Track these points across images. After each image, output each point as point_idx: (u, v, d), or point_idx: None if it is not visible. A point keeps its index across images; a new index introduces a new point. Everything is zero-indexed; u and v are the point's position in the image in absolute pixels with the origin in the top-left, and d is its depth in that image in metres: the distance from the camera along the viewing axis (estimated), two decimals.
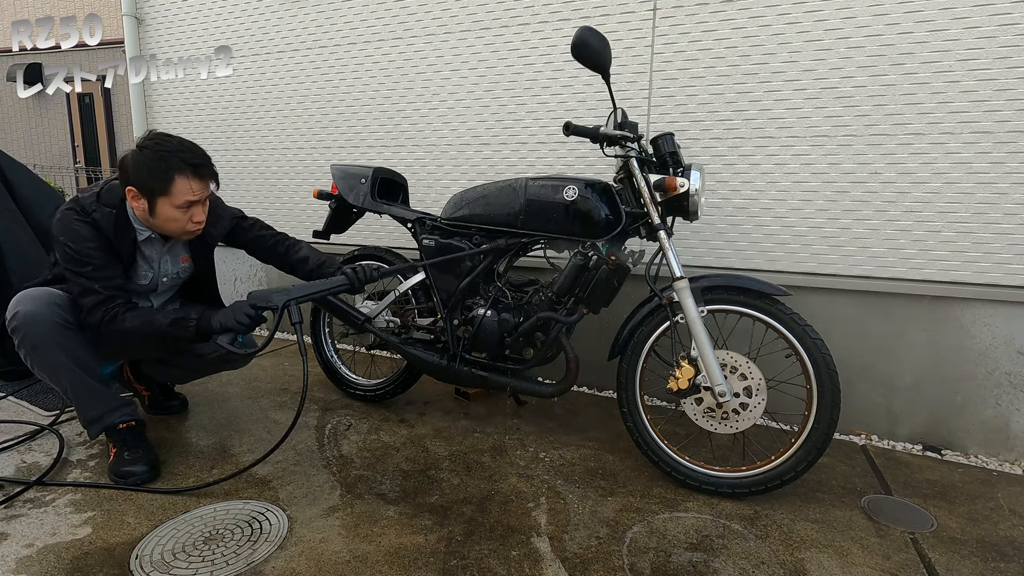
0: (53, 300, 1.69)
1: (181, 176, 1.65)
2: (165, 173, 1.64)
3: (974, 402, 2.06)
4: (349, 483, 1.76)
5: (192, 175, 1.67)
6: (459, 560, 1.41)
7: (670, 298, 1.74)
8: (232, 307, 1.71)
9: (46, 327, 1.66)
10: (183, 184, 1.66)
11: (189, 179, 1.67)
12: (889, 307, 2.13)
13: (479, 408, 2.36)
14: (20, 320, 1.66)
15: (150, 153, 1.65)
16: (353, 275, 1.84)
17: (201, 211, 1.74)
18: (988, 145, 1.95)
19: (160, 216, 1.69)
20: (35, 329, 1.66)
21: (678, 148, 1.77)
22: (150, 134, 1.72)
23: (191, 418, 2.20)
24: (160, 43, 3.52)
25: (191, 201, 1.69)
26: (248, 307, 1.70)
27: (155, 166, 1.64)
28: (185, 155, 1.67)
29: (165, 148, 1.66)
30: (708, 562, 1.43)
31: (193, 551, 1.42)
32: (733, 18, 2.20)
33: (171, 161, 1.64)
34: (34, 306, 1.67)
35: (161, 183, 1.64)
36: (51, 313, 1.67)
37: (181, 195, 1.67)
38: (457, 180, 2.79)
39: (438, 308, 2.11)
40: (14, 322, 1.67)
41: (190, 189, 1.67)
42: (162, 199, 1.66)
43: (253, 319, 1.70)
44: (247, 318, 1.68)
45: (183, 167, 1.66)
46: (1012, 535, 1.59)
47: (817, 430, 1.63)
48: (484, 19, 2.64)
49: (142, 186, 1.65)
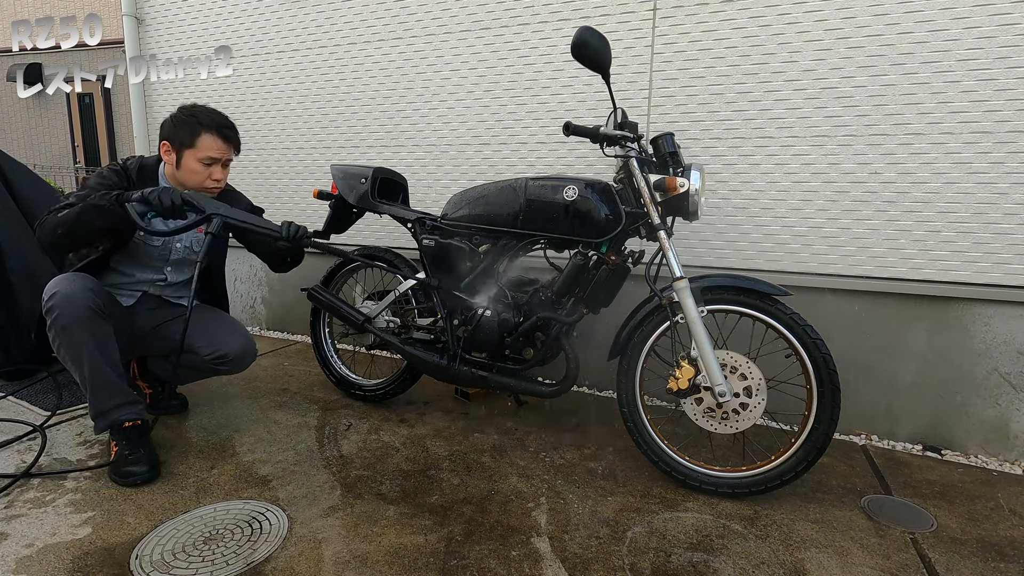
0: (88, 286, 1.76)
1: (207, 133, 1.88)
2: (194, 128, 1.87)
3: (974, 402, 2.06)
4: (349, 483, 1.76)
5: (217, 134, 1.89)
6: (459, 560, 1.41)
7: (670, 298, 1.74)
8: (164, 187, 1.74)
9: (80, 310, 1.72)
10: (208, 140, 1.88)
11: (214, 137, 1.89)
12: (889, 307, 2.13)
13: (479, 408, 2.36)
14: (57, 300, 1.72)
15: (185, 113, 1.91)
16: (287, 225, 1.89)
17: (221, 171, 1.94)
18: (988, 145, 1.95)
19: (184, 168, 1.89)
20: (69, 310, 1.72)
21: (678, 148, 1.77)
22: (188, 103, 1.97)
23: (191, 418, 2.20)
24: (160, 43, 3.52)
25: (213, 158, 1.89)
26: (178, 196, 1.73)
27: (187, 122, 1.88)
28: (215, 117, 1.92)
29: (198, 110, 1.92)
30: (708, 562, 1.43)
31: (193, 551, 1.42)
32: (733, 18, 2.20)
33: (201, 119, 1.89)
34: (71, 288, 1.74)
35: (189, 136, 1.87)
36: (86, 298, 1.73)
37: (205, 150, 1.87)
38: (457, 180, 2.79)
39: (438, 308, 2.11)
40: (50, 302, 1.73)
41: (213, 146, 1.89)
42: (188, 152, 1.87)
43: (175, 207, 1.71)
44: (170, 202, 1.71)
45: (210, 126, 1.89)
46: (1012, 535, 1.59)
47: (817, 430, 1.63)
48: (484, 19, 2.65)
49: (173, 139, 1.88)
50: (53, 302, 1.73)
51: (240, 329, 2.04)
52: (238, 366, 2.01)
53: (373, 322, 2.22)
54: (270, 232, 1.89)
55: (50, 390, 2.44)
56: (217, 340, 1.96)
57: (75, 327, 1.73)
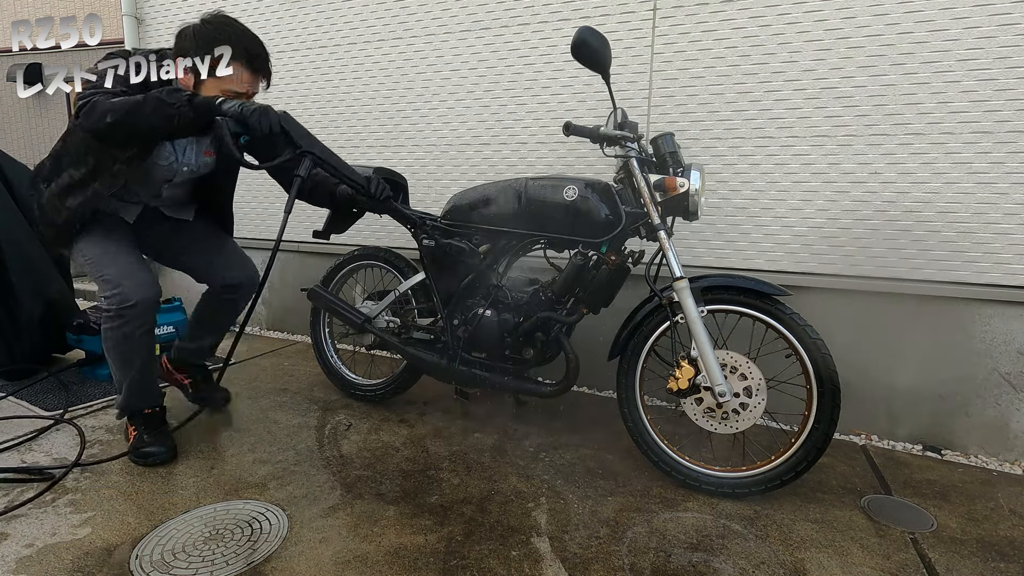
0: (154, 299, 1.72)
1: (235, 62, 1.60)
2: None
3: (974, 402, 2.06)
4: (349, 483, 1.76)
5: (246, 65, 1.64)
6: (459, 560, 1.41)
7: (670, 298, 1.74)
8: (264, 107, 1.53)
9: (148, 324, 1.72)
10: (236, 70, 1.61)
11: (243, 68, 1.63)
12: (889, 307, 2.13)
13: (479, 408, 2.36)
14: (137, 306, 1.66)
15: (212, 28, 1.61)
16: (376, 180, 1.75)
17: None
18: (988, 145, 1.95)
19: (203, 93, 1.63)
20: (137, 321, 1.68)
21: (678, 148, 1.77)
22: (217, 12, 1.67)
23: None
24: (160, 43, 3.52)
25: (237, 92, 1.64)
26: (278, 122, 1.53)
27: (210, 41, 1.59)
28: (247, 42, 1.63)
29: (227, 26, 1.62)
30: (708, 562, 1.43)
31: (193, 551, 1.42)
32: (733, 18, 2.20)
33: (233, 44, 1.60)
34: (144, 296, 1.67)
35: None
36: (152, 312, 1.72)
37: (230, 80, 1.62)
38: (457, 180, 2.79)
39: (438, 308, 2.11)
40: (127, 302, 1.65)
41: (241, 78, 1.63)
42: (210, 79, 1.61)
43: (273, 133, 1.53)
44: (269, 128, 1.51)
45: (241, 53, 1.61)
46: (1012, 535, 1.59)
47: (817, 430, 1.63)
48: (484, 19, 2.64)
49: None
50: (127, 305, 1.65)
51: (246, 259, 2.03)
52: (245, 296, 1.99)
53: (373, 322, 2.22)
54: (355, 184, 1.71)
55: (50, 390, 2.44)
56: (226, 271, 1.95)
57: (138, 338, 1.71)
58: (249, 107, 1.52)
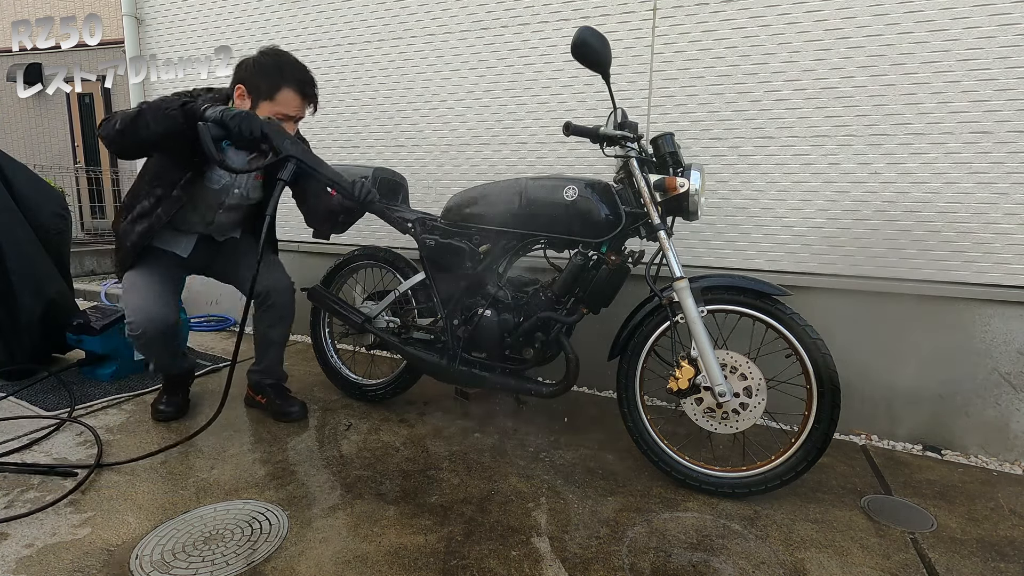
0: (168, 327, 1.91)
1: (288, 88, 1.81)
2: (277, 80, 1.79)
3: (974, 402, 2.06)
4: (349, 483, 1.76)
5: (298, 91, 1.83)
6: (459, 560, 1.41)
7: (670, 298, 1.74)
8: (246, 112, 1.64)
9: (160, 343, 1.94)
10: (288, 96, 1.81)
11: (295, 93, 1.82)
12: (889, 307, 2.13)
13: (479, 408, 2.36)
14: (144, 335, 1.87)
15: (270, 60, 1.81)
16: (361, 183, 1.82)
17: (293, 127, 1.88)
18: (988, 145, 1.95)
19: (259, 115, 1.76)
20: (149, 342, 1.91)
21: (678, 148, 1.77)
22: (271, 46, 1.88)
23: (192, 418, 2.20)
24: (160, 43, 3.52)
25: (288, 115, 1.83)
26: (259, 127, 1.62)
27: (271, 71, 1.80)
28: (301, 73, 1.84)
29: (284, 60, 1.83)
30: (708, 562, 1.43)
31: (193, 551, 1.42)
32: (733, 18, 2.20)
33: (286, 72, 1.81)
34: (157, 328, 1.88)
35: (270, 88, 1.79)
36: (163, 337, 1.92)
37: (283, 105, 1.81)
38: (457, 180, 2.79)
39: (438, 308, 2.11)
40: (136, 331, 1.86)
41: (293, 104, 1.83)
42: (265, 103, 1.80)
43: (254, 137, 1.62)
44: (250, 132, 1.61)
45: (294, 82, 1.82)
46: (1012, 535, 1.59)
47: (817, 430, 1.63)
48: (484, 19, 2.65)
49: (252, 86, 1.80)
50: (134, 334, 1.87)
51: (275, 268, 2.13)
52: (279, 304, 2.09)
53: (373, 322, 2.22)
54: (341, 187, 1.79)
55: (50, 390, 2.44)
56: (268, 281, 2.05)
57: (153, 347, 1.95)
58: (230, 112, 1.61)
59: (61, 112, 8.68)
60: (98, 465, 1.81)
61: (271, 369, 2.23)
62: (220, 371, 2.73)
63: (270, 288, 2.07)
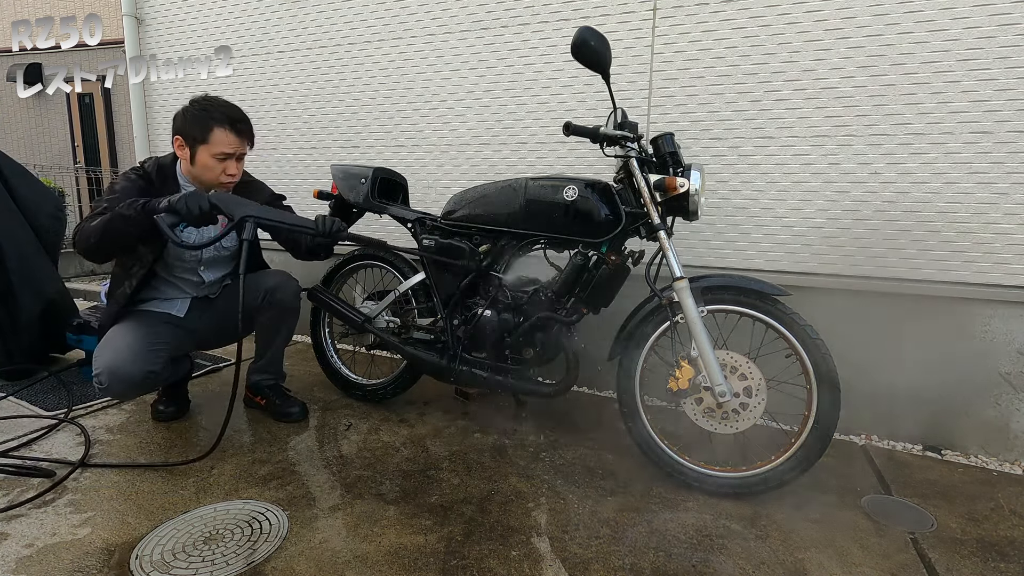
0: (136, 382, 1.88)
1: (220, 128, 1.86)
2: (206, 123, 1.86)
3: (974, 402, 2.06)
4: (349, 483, 1.76)
5: (230, 129, 1.88)
6: (459, 560, 1.41)
7: (670, 298, 1.74)
8: (191, 193, 1.70)
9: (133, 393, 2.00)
10: (221, 135, 1.86)
11: (227, 132, 1.87)
12: (889, 307, 2.12)
13: (479, 408, 2.36)
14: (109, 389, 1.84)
15: (197, 107, 1.89)
16: (321, 220, 1.87)
17: (235, 166, 1.92)
18: (988, 145, 1.95)
19: (198, 163, 1.88)
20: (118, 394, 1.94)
21: (678, 148, 1.77)
22: (202, 95, 1.94)
23: (191, 418, 2.20)
24: (160, 43, 3.52)
25: (227, 153, 1.88)
26: (206, 201, 1.68)
27: (199, 116, 1.87)
28: (227, 111, 1.89)
29: (211, 103, 1.90)
30: (708, 562, 1.43)
31: (193, 551, 1.42)
32: (733, 18, 2.20)
33: (213, 114, 1.87)
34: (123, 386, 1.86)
35: (202, 132, 1.85)
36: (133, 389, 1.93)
37: (218, 145, 1.86)
38: (457, 180, 2.79)
39: (438, 308, 2.11)
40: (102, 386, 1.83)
41: (227, 141, 1.87)
42: (202, 147, 1.87)
43: (203, 214, 1.68)
44: (199, 209, 1.67)
45: (223, 120, 1.87)
46: (1012, 535, 1.59)
47: (817, 430, 1.63)
48: (484, 19, 2.65)
49: (186, 135, 1.87)
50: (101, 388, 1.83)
51: (274, 272, 2.16)
52: (278, 301, 2.09)
53: (373, 322, 2.22)
54: (305, 230, 1.86)
55: (50, 390, 2.44)
56: (262, 284, 2.08)
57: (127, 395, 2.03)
58: (175, 197, 1.68)
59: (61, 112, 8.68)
60: (83, 464, 1.82)
61: (270, 367, 2.22)
62: (220, 371, 2.74)
63: (274, 286, 2.08)
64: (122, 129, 9.04)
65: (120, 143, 9.16)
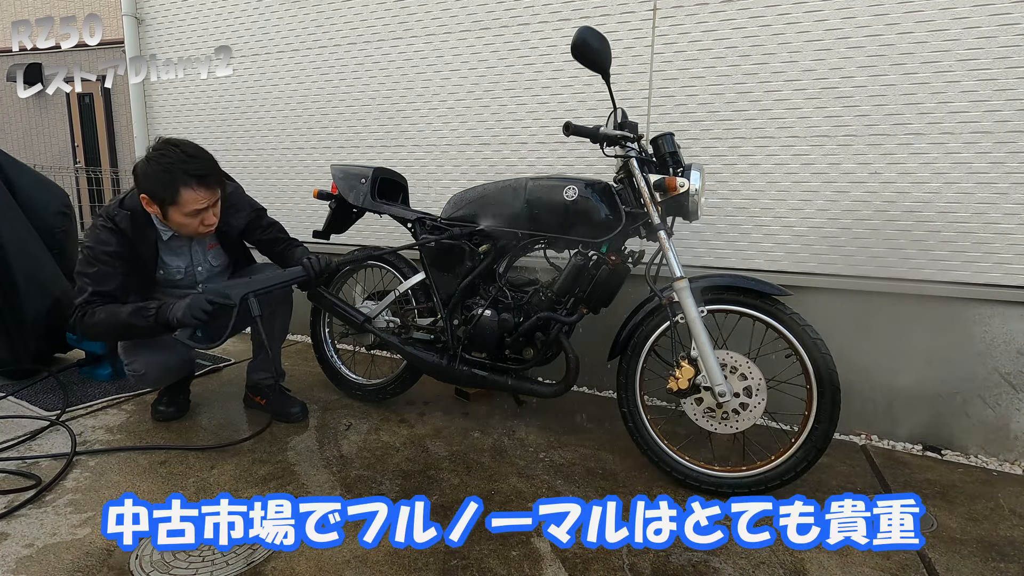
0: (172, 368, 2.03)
1: (187, 188, 1.73)
2: (171, 185, 1.72)
3: (974, 402, 2.06)
4: (349, 483, 1.76)
5: (197, 185, 1.75)
6: (459, 560, 1.41)
7: (670, 298, 1.74)
8: (189, 301, 1.72)
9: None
10: (189, 195, 1.74)
11: (195, 190, 1.75)
12: (889, 307, 2.12)
13: (479, 408, 2.36)
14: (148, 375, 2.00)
15: (156, 165, 1.73)
16: (309, 265, 1.88)
17: (212, 214, 1.84)
18: (988, 145, 1.95)
19: (172, 222, 1.81)
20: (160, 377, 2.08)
21: (678, 148, 1.77)
22: (158, 143, 1.79)
23: (191, 418, 2.20)
24: (160, 43, 3.52)
25: (199, 210, 1.78)
26: (205, 301, 1.71)
27: (161, 178, 1.72)
28: (190, 166, 1.74)
29: (169, 160, 1.73)
30: (708, 562, 1.43)
31: (193, 551, 1.42)
32: (733, 18, 2.20)
33: (175, 174, 1.72)
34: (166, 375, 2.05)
35: (169, 194, 1.73)
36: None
37: (189, 205, 1.76)
38: (457, 180, 2.79)
39: (438, 308, 2.11)
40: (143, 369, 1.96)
41: (197, 199, 1.76)
42: (172, 208, 1.76)
43: (209, 314, 1.71)
44: (203, 313, 1.70)
45: (188, 179, 1.73)
46: (1012, 535, 1.59)
47: (817, 430, 1.63)
48: (484, 19, 2.64)
49: (152, 195, 1.76)
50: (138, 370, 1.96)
51: (268, 264, 2.17)
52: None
53: (373, 322, 2.22)
54: (296, 281, 1.91)
55: (50, 390, 2.44)
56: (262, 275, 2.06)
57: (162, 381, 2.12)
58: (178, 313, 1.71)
59: (61, 112, 8.69)
60: (69, 461, 1.83)
61: (269, 365, 2.19)
62: (220, 371, 2.74)
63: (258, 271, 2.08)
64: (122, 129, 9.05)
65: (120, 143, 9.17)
